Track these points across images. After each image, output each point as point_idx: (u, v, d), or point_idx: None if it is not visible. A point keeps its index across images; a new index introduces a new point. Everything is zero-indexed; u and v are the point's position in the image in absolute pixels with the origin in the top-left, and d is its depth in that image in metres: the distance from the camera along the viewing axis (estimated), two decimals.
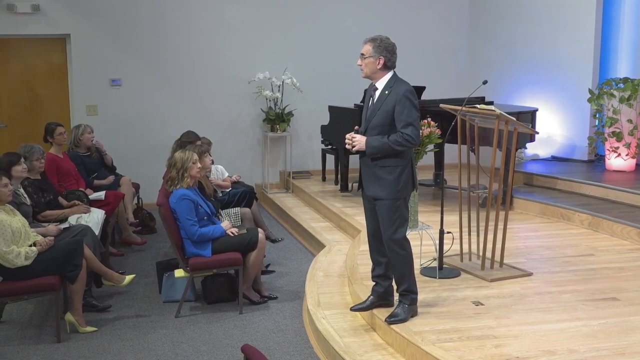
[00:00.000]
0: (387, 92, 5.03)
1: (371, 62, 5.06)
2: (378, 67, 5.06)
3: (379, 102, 5.04)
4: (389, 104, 4.98)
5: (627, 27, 9.85)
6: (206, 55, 10.72)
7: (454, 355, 4.53)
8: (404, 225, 5.08)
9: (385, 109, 4.99)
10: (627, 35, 9.86)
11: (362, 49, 5.11)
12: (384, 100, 5.01)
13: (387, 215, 5.03)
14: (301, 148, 11.26)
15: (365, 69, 5.11)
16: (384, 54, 5.04)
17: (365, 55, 5.07)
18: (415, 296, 5.17)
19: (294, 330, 5.93)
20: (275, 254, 8.04)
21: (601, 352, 4.59)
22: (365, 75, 5.14)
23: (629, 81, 9.12)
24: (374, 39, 5.08)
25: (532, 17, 10.61)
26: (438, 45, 11.64)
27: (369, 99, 5.17)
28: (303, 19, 11.09)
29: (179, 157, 6.39)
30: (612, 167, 9.38)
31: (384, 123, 4.99)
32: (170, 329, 5.99)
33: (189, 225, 6.21)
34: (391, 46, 5.12)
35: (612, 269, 6.38)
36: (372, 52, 5.05)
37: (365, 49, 5.08)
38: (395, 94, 4.98)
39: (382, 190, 5.02)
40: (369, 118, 5.09)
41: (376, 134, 5.00)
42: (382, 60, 5.04)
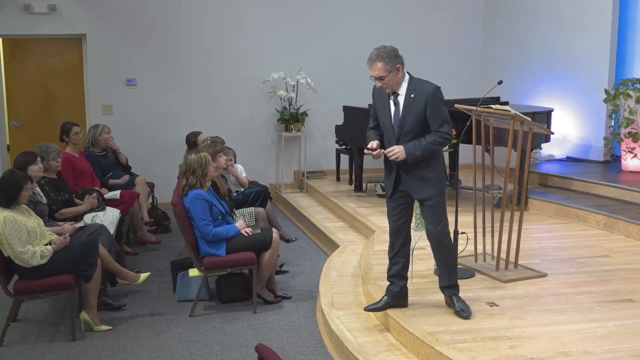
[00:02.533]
0: (412, 95, 4.99)
1: (393, 77, 4.99)
2: (399, 76, 5.01)
3: (407, 107, 5.00)
4: (419, 107, 4.95)
5: None
6: (221, 55, 10.75)
7: (468, 356, 4.52)
8: (446, 219, 5.19)
9: (416, 113, 4.96)
10: None
11: (374, 72, 5.00)
12: (412, 104, 4.98)
13: (436, 212, 5.10)
14: (315, 148, 11.26)
15: (390, 86, 5.02)
16: (397, 62, 4.99)
17: (384, 76, 4.98)
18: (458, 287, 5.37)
19: (308, 330, 5.93)
20: (289, 254, 8.04)
21: (616, 353, 4.57)
22: (392, 90, 5.05)
23: None
24: (380, 55, 4.99)
25: (548, 17, 10.56)
26: (452, 45, 11.60)
27: (387, 104, 5.11)
28: (317, 19, 11.09)
29: (195, 162, 6.34)
30: (628, 167, 9.32)
31: (417, 127, 4.97)
32: (184, 328, 6.01)
33: (204, 224, 6.22)
34: (395, 50, 5.08)
35: (628, 270, 6.34)
36: (389, 68, 4.97)
37: (379, 69, 4.98)
38: (423, 95, 4.96)
39: (430, 190, 5.06)
40: (400, 124, 5.03)
41: (410, 139, 4.98)
42: (401, 68, 5.01)
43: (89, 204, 7.18)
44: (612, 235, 7.54)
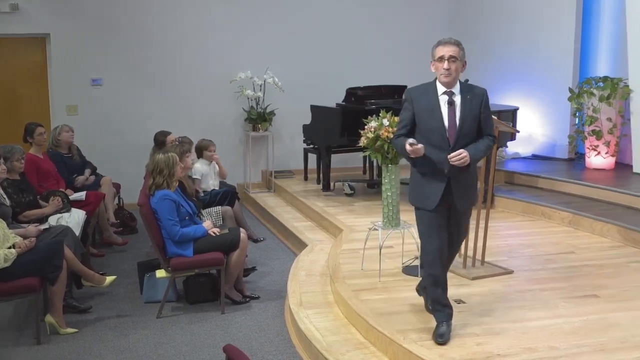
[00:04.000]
0: (468, 96, 4.69)
1: (460, 67, 4.68)
2: (462, 72, 4.74)
3: (465, 108, 4.67)
4: (476, 109, 4.68)
5: (607, 25, 9.92)
6: (188, 55, 10.69)
7: (436, 354, 4.54)
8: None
9: (474, 115, 4.68)
10: (607, 34, 9.92)
11: (450, 51, 4.64)
12: (469, 105, 4.68)
13: (467, 221, 5.01)
14: (283, 147, 11.25)
15: (454, 74, 4.66)
16: (465, 59, 4.73)
17: (457, 57, 4.64)
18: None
19: (276, 329, 5.91)
20: (257, 254, 8.02)
21: (582, 348, 4.62)
22: (451, 80, 4.67)
23: (609, 80, 9.18)
24: (459, 42, 4.69)
25: (513, 16, 10.66)
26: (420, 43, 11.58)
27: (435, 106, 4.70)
28: (284, 18, 11.08)
29: (163, 162, 6.29)
30: (592, 165, 9.44)
31: (473, 129, 4.70)
32: (151, 330, 5.96)
33: (171, 225, 6.18)
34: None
35: (593, 266, 6.42)
36: (462, 56, 4.67)
37: (455, 50, 4.64)
38: (477, 96, 4.71)
39: (474, 199, 4.96)
40: (459, 126, 4.65)
41: (468, 142, 4.65)
42: (465, 66, 4.74)
43: (54, 206, 7.10)
44: (577, 232, 7.63)
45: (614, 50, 9.80)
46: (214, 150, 8.41)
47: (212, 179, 8.36)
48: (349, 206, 8.99)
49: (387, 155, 6.05)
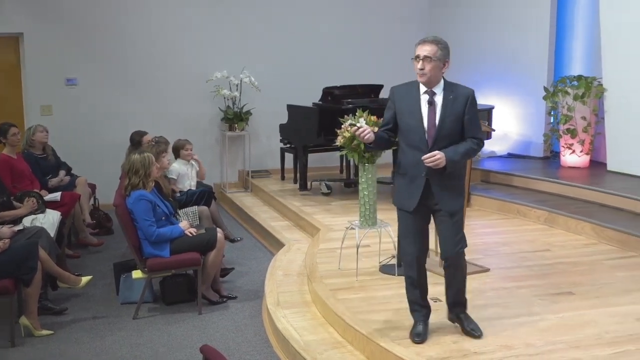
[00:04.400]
0: (451, 96, 4.56)
1: (437, 67, 4.52)
2: (442, 71, 4.57)
3: (446, 108, 4.54)
4: (459, 109, 4.54)
5: (581, 25, 10.01)
6: (164, 54, 10.64)
7: (413, 352, 4.55)
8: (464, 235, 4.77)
9: (456, 116, 4.54)
10: (581, 33, 10.01)
11: (424, 50, 4.53)
12: (451, 105, 4.54)
13: (459, 227, 4.69)
14: (260, 147, 11.23)
15: (429, 74, 4.52)
16: (448, 58, 4.56)
17: (432, 57, 4.50)
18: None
19: (254, 329, 5.90)
20: (234, 254, 8.00)
21: (557, 345, 4.66)
22: (427, 81, 4.56)
23: (583, 79, 9.26)
24: (438, 41, 4.55)
25: (488, 15, 10.72)
26: (396, 43, 11.66)
27: (416, 106, 4.61)
28: (260, 18, 11.07)
29: (138, 162, 6.24)
30: (567, 163, 9.52)
31: (455, 131, 4.55)
32: (128, 331, 5.92)
33: (147, 225, 6.14)
34: (449, 48, 4.62)
35: (568, 263, 6.47)
36: (440, 56, 4.51)
37: (431, 50, 4.51)
38: (462, 97, 4.56)
39: (458, 202, 4.66)
40: (438, 127, 4.53)
41: (447, 144, 4.51)
42: (447, 65, 4.57)
43: (28, 207, 7.02)
44: (552, 229, 7.68)
45: (588, 50, 9.89)
46: (190, 149, 8.38)
47: (189, 179, 8.33)
48: (326, 205, 9.00)
49: (363, 154, 6.05)
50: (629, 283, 5.94)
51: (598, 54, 9.23)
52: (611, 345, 4.66)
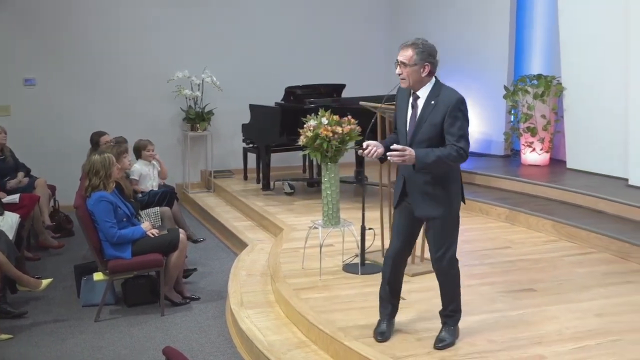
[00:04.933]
0: (432, 101, 4.47)
1: (415, 71, 4.46)
2: (423, 75, 4.49)
3: (425, 113, 4.47)
4: (438, 116, 4.43)
5: (540, 24, 10.13)
6: (124, 54, 10.54)
7: (377, 350, 4.56)
8: (455, 244, 4.64)
9: (434, 122, 4.43)
10: (540, 32, 10.14)
11: (402, 56, 4.49)
12: (430, 111, 4.45)
13: (439, 235, 4.56)
14: (222, 147, 11.18)
15: (408, 79, 4.48)
16: (429, 60, 4.50)
17: (407, 63, 4.45)
18: (460, 316, 4.78)
19: (217, 330, 5.88)
20: (197, 254, 7.95)
21: (519, 341, 4.70)
22: (407, 86, 4.52)
23: (542, 78, 9.37)
24: (416, 44, 4.51)
25: (448, 14, 10.80)
26: (358, 43, 11.73)
27: (406, 108, 4.58)
28: (222, 17, 11.03)
29: (99, 163, 6.17)
30: (527, 161, 9.63)
31: (432, 137, 4.44)
32: (89, 334, 5.85)
33: (108, 227, 6.08)
34: (434, 49, 4.57)
35: (529, 260, 6.55)
36: (417, 59, 4.45)
37: (407, 55, 4.47)
38: (444, 104, 4.44)
39: (435, 209, 4.52)
40: (414, 132, 4.49)
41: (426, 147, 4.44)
42: (428, 68, 4.49)
43: None
44: (513, 227, 7.77)
45: (547, 49, 10.02)
46: (152, 149, 8.32)
47: (151, 180, 8.27)
48: (289, 205, 8.99)
49: (326, 153, 6.06)
50: (588, 279, 6.03)
51: (557, 53, 9.35)
52: (572, 340, 4.72)
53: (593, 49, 8.76)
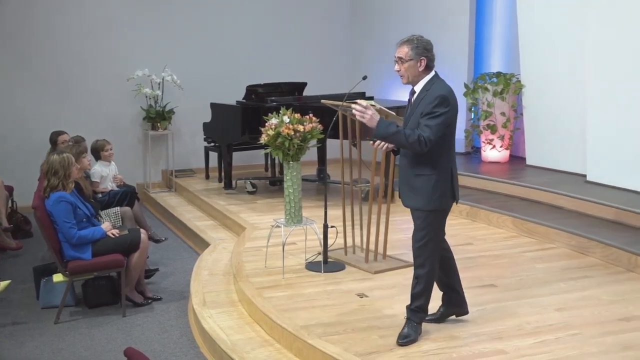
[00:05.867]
0: (423, 95, 4.59)
1: (412, 66, 4.60)
2: (420, 69, 4.61)
3: (415, 105, 4.61)
4: (422, 108, 4.54)
5: (499, 23, 10.23)
6: (82, 52, 10.41)
7: (340, 348, 4.57)
8: (435, 240, 4.68)
9: (417, 114, 4.56)
10: (500, 31, 10.23)
11: (398, 52, 4.65)
12: (419, 103, 4.58)
13: (420, 226, 4.66)
14: (183, 146, 11.11)
15: (406, 74, 4.63)
16: (424, 54, 4.61)
17: (404, 59, 4.60)
18: (425, 315, 4.83)
19: (180, 330, 5.84)
20: (158, 254, 7.89)
21: (480, 337, 4.75)
22: (407, 82, 4.66)
23: (502, 75, 9.47)
24: (411, 40, 4.64)
25: (409, 12, 10.86)
26: (319, 41, 11.74)
27: (408, 105, 4.76)
28: (182, 15, 10.94)
29: (57, 163, 6.08)
30: (487, 158, 9.72)
31: (415, 128, 4.53)
32: (49, 336, 5.77)
33: (67, 227, 6.00)
34: (430, 44, 4.70)
35: (489, 256, 6.61)
36: (412, 55, 4.59)
37: (403, 51, 4.62)
38: (430, 97, 4.52)
39: (417, 201, 4.64)
40: (405, 122, 4.67)
41: None
42: (424, 62, 4.61)
43: None
44: (474, 223, 7.84)
45: (506, 47, 10.12)
46: (110, 149, 8.24)
47: (110, 180, 8.19)
48: (251, 204, 8.96)
49: (288, 152, 6.05)
50: (548, 274, 6.11)
51: (516, 51, 9.45)
52: (532, 335, 4.78)
53: (551, 47, 8.87)
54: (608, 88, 7.92)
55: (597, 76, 8.07)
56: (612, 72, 7.85)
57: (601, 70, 8.00)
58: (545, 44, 8.96)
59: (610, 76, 7.88)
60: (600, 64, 8.01)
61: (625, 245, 6.34)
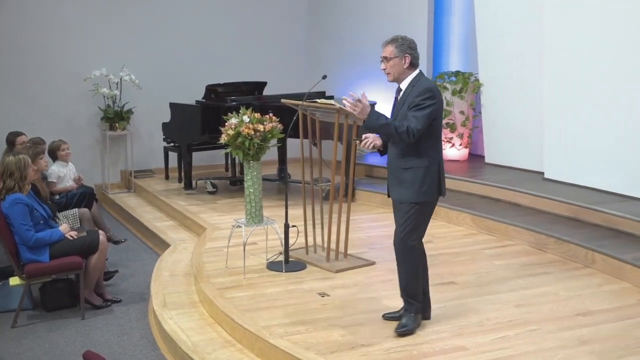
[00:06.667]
0: (409, 91, 4.71)
1: (397, 63, 4.75)
2: (405, 66, 4.76)
3: (402, 101, 4.74)
4: (406, 107, 4.68)
5: (458, 22, 10.31)
6: (37, 52, 10.25)
7: (302, 347, 4.57)
8: (416, 231, 4.83)
9: (404, 109, 4.69)
10: (458, 30, 10.32)
11: (384, 52, 4.79)
12: (405, 99, 4.71)
13: (403, 218, 4.79)
14: (142, 146, 11.01)
15: (392, 72, 4.77)
16: (408, 52, 4.77)
17: (389, 57, 4.75)
18: (419, 305, 4.91)
19: (140, 332, 5.78)
20: (118, 256, 7.81)
21: (441, 334, 4.79)
22: (392, 79, 4.80)
23: (460, 74, 9.55)
24: (395, 39, 4.80)
25: (366, 11, 10.90)
26: (277, 40, 11.73)
27: (395, 102, 4.88)
28: (141, 14, 10.84)
29: (13, 164, 5.99)
30: (447, 157, 9.77)
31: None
32: (6, 340, 5.67)
33: (24, 230, 5.91)
34: (413, 43, 4.85)
35: (450, 254, 6.67)
36: (397, 52, 4.74)
37: (388, 50, 4.77)
38: (417, 90, 4.66)
39: (404, 194, 4.76)
40: (392, 118, 4.77)
41: None
42: (408, 59, 4.76)
43: None
44: (434, 221, 7.78)
45: (464, 46, 10.21)
46: (67, 149, 8.15)
47: (70, 181, 8.08)
48: (212, 204, 8.92)
49: (248, 151, 6.03)
50: (507, 271, 6.18)
51: (474, 50, 9.54)
52: (492, 331, 4.83)
53: (509, 46, 8.97)
54: (564, 87, 8.04)
55: (553, 75, 8.19)
56: (568, 71, 7.97)
57: (557, 69, 8.12)
58: (502, 43, 9.06)
59: (567, 75, 8.00)
60: (557, 62, 8.12)
61: (583, 242, 6.44)
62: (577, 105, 7.90)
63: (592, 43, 7.68)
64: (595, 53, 7.65)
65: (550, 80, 8.23)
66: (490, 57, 9.26)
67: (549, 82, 8.25)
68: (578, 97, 7.87)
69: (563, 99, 8.07)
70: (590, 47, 7.69)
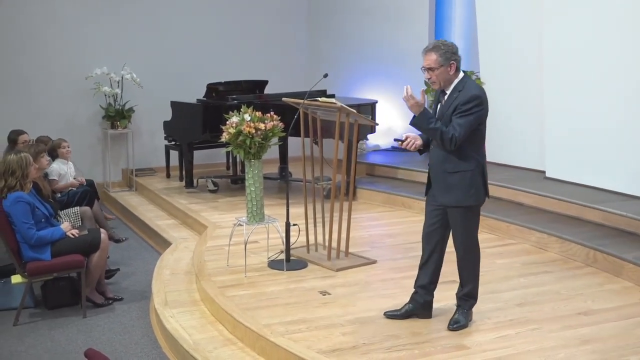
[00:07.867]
0: (455, 95, 4.65)
1: (443, 72, 4.64)
2: (451, 73, 4.65)
3: (447, 105, 4.68)
4: (451, 111, 4.64)
5: (459, 20, 10.32)
6: (39, 51, 10.24)
7: (303, 346, 4.58)
8: (474, 233, 4.92)
9: (448, 114, 4.66)
10: (459, 28, 10.33)
11: (426, 61, 4.67)
12: (447, 106, 4.67)
13: (461, 222, 4.82)
14: (144, 145, 11.01)
15: (437, 81, 4.69)
16: (453, 58, 4.63)
17: (434, 67, 4.64)
18: (475, 302, 4.99)
19: (142, 331, 5.79)
20: (119, 254, 7.81)
21: (441, 333, 4.80)
22: (439, 87, 4.74)
23: None
24: (437, 47, 4.65)
25: (368, 10, 10.90)
26: (278, 39, 11.71)
27: (437, 105, 4.83)
28: (142, 12, 10.84)
29: (15, 162, 6.00)
30: None
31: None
32: (8, 339, 5.68)
33: (26, 228, 5.92)
34: (455, 47, 4.70)
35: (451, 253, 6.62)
36: (442, 61, 4.61)
37: (432, 59, 4.64)
38: (464, 96, 4.60)
39: (453, 198, 4.75)
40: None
41: None
42: (454, 65, 4.64)
43: None
44: None
45: (465, 44, 10.18)
46: (67, 146, 8.18)
47: (70, 179, 8.09)
48: (213, 203, 8.92)
49: (249, 150, 6.03)
50: (508, 270, 6.18)
51: (475, 48, 9.53)
52: (493, 330, 4.84)
53: (510, 45, 8.96)
54: (565, 85, 8.03)
55: (554, 73, 8.18)
56: (569, 70, 7.96)
57: (559, 67, 8.11)
58: (504, 41, 9.05)
59: (567, 73, 7.99)
60: (557, 61, 8.11)
61: (584, 241, 6.44)
62: (578, 103, 7.89)
63: (592, 42, 7.67)
64: (596, 52, 7.64)
65: (551, 79, 8.23)
66: (491, 55, 9.25)
67: (549, 81, 8.24)
68: (579, 96, 7.86)
69: (564, 97, 8.06)
70: (591, 46, 7.68)
